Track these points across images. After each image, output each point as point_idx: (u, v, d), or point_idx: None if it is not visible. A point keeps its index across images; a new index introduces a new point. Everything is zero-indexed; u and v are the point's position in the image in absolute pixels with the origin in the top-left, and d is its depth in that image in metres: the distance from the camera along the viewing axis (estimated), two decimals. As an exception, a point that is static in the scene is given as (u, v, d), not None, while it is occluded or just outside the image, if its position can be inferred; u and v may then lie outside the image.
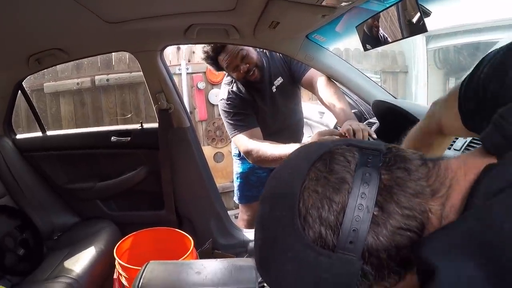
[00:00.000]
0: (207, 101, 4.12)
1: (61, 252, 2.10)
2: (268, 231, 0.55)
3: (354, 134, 1.70)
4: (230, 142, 4.13)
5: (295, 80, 2.31)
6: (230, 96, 2.19)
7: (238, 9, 1.61)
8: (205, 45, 2.07)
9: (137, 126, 2.31)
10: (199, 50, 3.96)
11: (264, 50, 2.20)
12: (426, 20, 1.33)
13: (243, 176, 2.57)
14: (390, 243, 0.49)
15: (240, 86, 2.23)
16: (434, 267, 0.42)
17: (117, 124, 3.76)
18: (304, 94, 2.54)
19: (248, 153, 2.07)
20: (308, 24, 1.77)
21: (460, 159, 0.53)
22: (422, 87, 4.92)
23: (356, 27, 1.67)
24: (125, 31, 1.76)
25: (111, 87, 3.85)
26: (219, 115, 4.08)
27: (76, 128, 3.30)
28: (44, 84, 3.61)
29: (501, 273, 0.38)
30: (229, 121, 2.16)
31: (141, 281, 1.25)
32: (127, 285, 1.86)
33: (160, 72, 2.09)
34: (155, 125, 2.28)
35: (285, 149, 1.93)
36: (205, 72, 4.01)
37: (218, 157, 4.24)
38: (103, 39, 1.87)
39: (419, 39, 4.80)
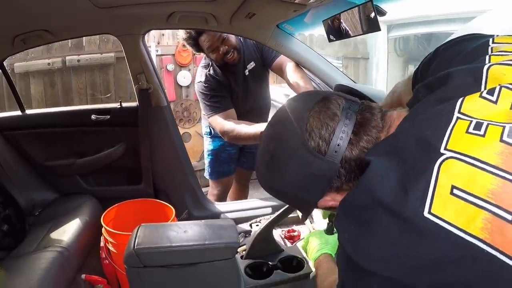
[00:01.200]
0: (176, 82, 4.29)
1: (44, 226, 2.22)
2: (279, 142, 0.86)
3: None
4: (198, 122, 4.36)
5: (265, 64, 2.56)
6: (208, 79, 2.42)
7: (219, 0, 1.82)
8: None
9: (116, 105, 2.48)
10: (168, 33, 4.15)
11: (239, 37, 2.42)
12: (388, 10, 1.62)
13: (214, 153, 2.81)
14: (357, 156, 0.80)
15: (217, 69, 2.45)
16: (369, 160, 0.73)
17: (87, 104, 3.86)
18: (270, 77, 2.80)
19: (224, 133, 2.32)
20: (281, 17, 2.01)
21: (396, 112, 0.86)
22: (382, 74, 5.26)
23: (322, 21, 1.91)
24: (112, 15, 1.93)
25: (82, 68, 3.94)
26: (187, 96, 4.35)
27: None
28: (14, 64, 3.66)
29: (403, 162, 0.67)
30: (206, 103, 2.40)
31: (136, 241, 1.46)
32: (114, 250, 2.06)
33: (141, 55, 2.27)
34: (133, 104, 2.47)
35: (258, 128, 2.18)
36: (174, 54, 4.18)
37: (185, 137, 4.44)
38: (90, 22, 2.03)
39: (381, 27, 5.07)
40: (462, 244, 0.57)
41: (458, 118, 0.67)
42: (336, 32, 1.89)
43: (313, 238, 1.58)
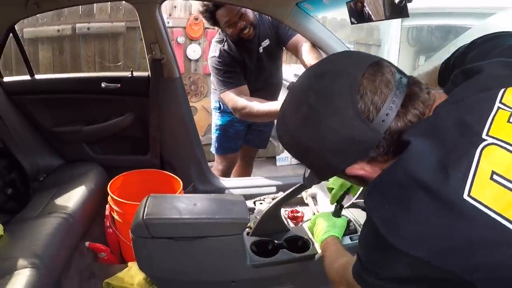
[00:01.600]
0: (185, 56, 4.24)
1: (48, 192, 2.21)
2: (325, 97, 0.80)
3: None
4: (205, 97, 4.33)
5: (280, 43, 2.53)
6: (222, 54, 2.39)
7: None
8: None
9: (127, 73, 2.45)
10: (180, 5, 4.09)
11: (255, 13, 2.37)
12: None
13: (222, 128, 2.80)
14: (401, 129, 0.77)
15: (231, 45, 2.42)
16: (409, 140, 0.71)
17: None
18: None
19: (236, 109, 2.30)
20: (302, -6, 1.96)
21: (438, 92, 0.83)
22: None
23: (346, 2, 1.87)
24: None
25: (91, 36, 3.88)
26: (195, 70, 4.31)
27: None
28: (24, 30, 3.59)
29: (443, 144, 0.67)
30: (219, 78, 2.37)
31: (146, 211, 1.45)
32: (119, 219, 2.06)
33: (157, 24, 2.23)
34: (144, 73, 2.44)
35: (271, 106, 2.17)
36: (185, 27, 4.11)
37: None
38: (106, -13, 1.99)
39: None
40: (499, 228, 0.58)
41: (499, 107, 0.68)
42: (358, 15, 1.85)
43: (320, 220, 1.57)
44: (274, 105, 2.16)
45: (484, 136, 0.65)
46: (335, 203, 1.66)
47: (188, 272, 1.55)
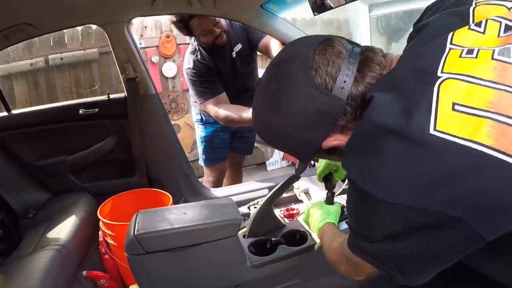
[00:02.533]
0: (161, 74, 4.23)
1: (39, 228, 2.15)
2: (283, 80, 0.84)
3: None
4: (186, 113, 4.31)
5: (252, 46, 2.53)
6: (196, 64, 2.39)
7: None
8: None
9: (104, 97, 2.42)
10: (150, 24, 4.08)
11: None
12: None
13: (207, 139, 2.78)
14: (363, 93, 0.80)
15: (204, 54, 2.41)
16: (372, 95, 0.74)
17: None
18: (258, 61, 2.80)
19: (217, 118, 2.35)
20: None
21: (395, 54, 0.88)
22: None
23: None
24: (95, 4, 1.89)
25: (65, 65, 3.86)
26: (173, 87, 4.30)
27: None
28: (-3, 68, 3.58)
29: (403, 92, 0.69)
30: (197, 89, 2.40)
31: (136, 227, 1.42)
32: (113, 243, 2.02)
33: (127, 43, 2.21)
34: (121, 95, 2.41)
35: (250, 112, 2.16)
36: (157, 46, 4.11)
37: (174, 129, 4.37)
38: (73, 12, 1.98)
39: (362, 7, 5.10)
40: (470, 153, 0.59)
41: (450, 48, 0.71)
42: (319, 6, 1.93)
43: (314, 210, 1.56)
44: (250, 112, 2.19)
45: (439, 74, 0.67)
46: (327, 191, 1.64)
47: (189, 283, 1.51)
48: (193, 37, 2.43)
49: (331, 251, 1.20)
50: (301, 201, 2.27)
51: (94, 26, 3.98)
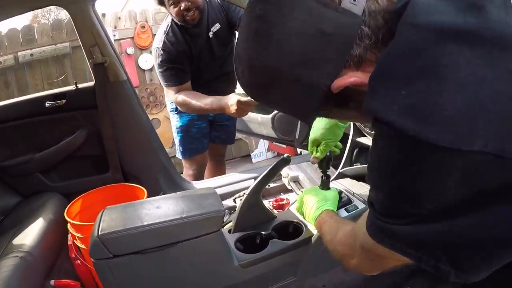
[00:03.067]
0: (138, 67, 3.96)
1: (6, 235, 1.88)
2: (273, 2, 0.58)
3: None
4: (165, 107, 4.04)
5: (232, 25, 2.28)
6: (165, 45, 2.16)
7: None
8: None
9: (71, 87, 2.15)
10: (125, 15, 3.81)
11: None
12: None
13: (184, 129, 2.53)
14: (385, 8, 0.55)
15: (177, 32, 2.17)
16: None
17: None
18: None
19: (177, 103, 2.20)
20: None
21: None
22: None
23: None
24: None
25: (36, 62, 3.58)
26: (151, 80, 4.02)
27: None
28: (-37, 67, 3.29)
29: None
30: (162, 73, 2.18)
31: (100, 226, 1.17)
32: (84, 247, 1.75)
33: (93, 24, 1.96)
34: (90, 84, 2.15)
35: (209, 102, 2.04)
36: (133, 37, 3.85)
37: (154, 123, 4.11)
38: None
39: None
40: None
41: None
42: None
43: (308, 197, 1.33)
44: (209, 100, 2.05)
45: None
46: (321, 175, 1.41)
47: (167, 290, 1.27)
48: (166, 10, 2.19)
49: (337, 242, 0.96)
50: (290, 191, 2.06)
51: (65, 18, 3.70)
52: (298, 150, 3.95)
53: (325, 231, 1.12)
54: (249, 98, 1.74)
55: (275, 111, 2.69)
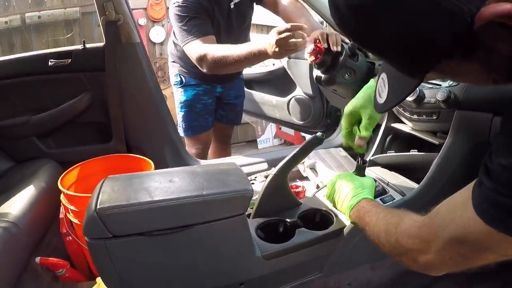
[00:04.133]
0: (148, 39, 3.69)
1: None
2: None
3: (327, 37, 1.53)
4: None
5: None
6: None
7: None
8: None
9: (79, 46, 1.88)
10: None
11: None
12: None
13: (188, 104, 2.26)
14: None
15: None
16: None
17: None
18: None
19: (202, 58, 1.77)
20: None
21: None
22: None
23: None
24: None
25: (43, 25, 3.28)
26: (161, 54, 3.73)
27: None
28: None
29: None
30: (183, 27, 1.84)
31: (100, 199, 0.91)
32: (77, 221, 1.49)
33: (110, -23, 1.68)
34: (99, 44, 1.87)
35: (244, 47, 1.67)
36: (145, 8, 3.58)
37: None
38: None
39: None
40: None
41: None
42: None
43: (342, 183, 1.09)
44: (248, 46, 1.66)
45: None
46: (358, 159, 1.16)
47: (176, 281, 1.01)
48: None
49: (401, 234, 0.76)
50: (306, 178, 1.85)
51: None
52: (307, 139, 3.73)
53: (371, 222, 0.90)
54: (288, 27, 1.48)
55: (292, 94, 2.47)
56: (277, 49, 1.49)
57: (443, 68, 0.55)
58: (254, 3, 2.14)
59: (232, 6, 2.03)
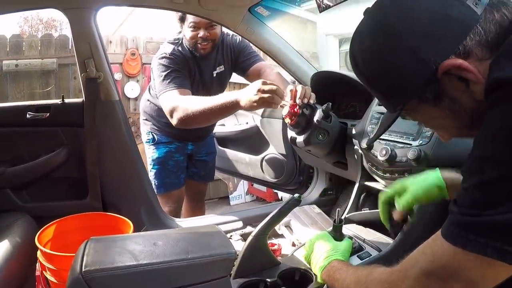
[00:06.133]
0: (123, 94, 3.77)
1: None
2: None
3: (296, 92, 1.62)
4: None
5: (239, 69, 2.23)
6: (174, 52, 1.99)
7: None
8: None
9: (57, 100, 1.92)
10: (116, 40, 3.65)
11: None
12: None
13: (160, 162, 2.32)
14: (499, 20, 0.65)
15: (188, 52, 2.05)
16: None
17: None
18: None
19: (173, 110, 1.81)
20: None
21: None
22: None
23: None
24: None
25: (20, 74, 3.34)
26: (135, 109, 3.78)
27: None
28: None
29: None
30: (164, 77, 1.92)
31: (84, 261, 0.93)
32: (54, 280, 1.48)
33: (92, 35, 1.76)
34: (78, 100, 1.93)
35: (217, 99, 1.71)
36: (121, 64, 3.68)
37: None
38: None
39: (333, 41, 4.93)
40: None
41: None
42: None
43: (319, 244, 1.15)
44: (219, 99, 1.70)
45: None
46: (334, 221, 1.23)
47: None
48: (181, 28, 2.06)
49: (372, 283, 0.81)
50: (281, 236, 1.88)
51: (55, 34, 3.49)
52: (279, 195, 3.78)
53: (340, 277, 0.95)
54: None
55: (266, 152, 2.55)
56: (256, 98, 1.54)
57: (418, 108, 0.74)
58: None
59: (214, 75, 2.16)
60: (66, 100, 1.93)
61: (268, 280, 1.18)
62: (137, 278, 0.91)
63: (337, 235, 1.22)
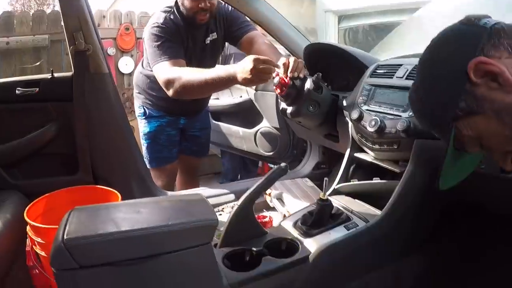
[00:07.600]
0: (117, 69, 3.74)
1: None
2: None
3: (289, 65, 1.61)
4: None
5: (231, 38, 2.19)
6: (167, 22, 1.96)
7: None
8: None
9: (47, 75, 1.90)
10: (109, 15, 3.61)
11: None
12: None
13: (152, 136, 2.31)
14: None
15: (179, 20, 2.02)
16: None
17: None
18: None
19: (169, 82, 1.81)
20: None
21: None
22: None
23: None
24: None
25: (11, 51, 3.32)
26: (129, 85, 3.77)
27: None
28: None
29: None
30: (156, 48, 1.91)
31: (67, 230, 0.94)
32: (44, 254, 1.50)
33: (81, 7, 1.74)
34: (67, 74, 1.91)
35: (213, 72, 1.71)
36: (115, 38, 3.65)
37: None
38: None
39: (332, 18, 4.89)
40: None
41: None
42: None
43: None
44: (215, 72, 1.71)
45: None
46: None
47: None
48: None
49: None
50: (273, 208, 1.92)
51: (47, 11, 3.46)
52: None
53: None
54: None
55: (259, 126, 2.55)
56: (250, 76, 1.54)
57: (467, 123, 0.76)
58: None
59: (207, 42, 2.12)
60: (56, 75, 1.91)
61: (254, 249, 1.20)
62: (118, 244, 0.92)
63: None
